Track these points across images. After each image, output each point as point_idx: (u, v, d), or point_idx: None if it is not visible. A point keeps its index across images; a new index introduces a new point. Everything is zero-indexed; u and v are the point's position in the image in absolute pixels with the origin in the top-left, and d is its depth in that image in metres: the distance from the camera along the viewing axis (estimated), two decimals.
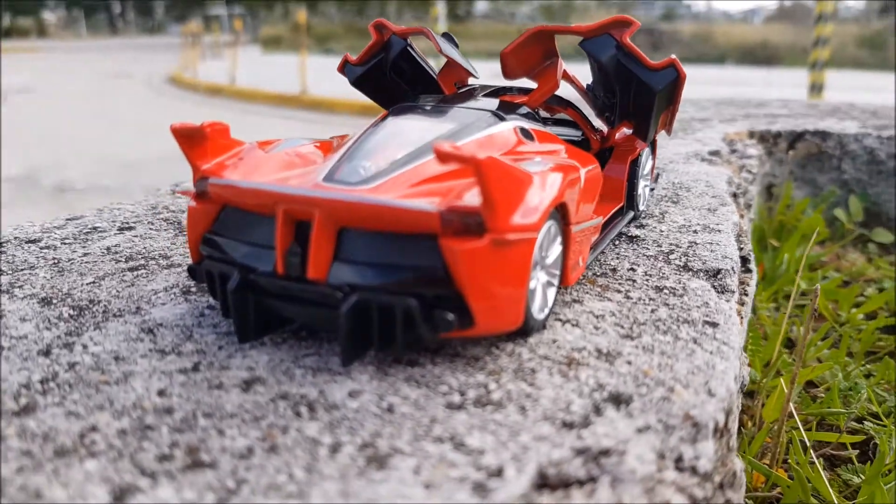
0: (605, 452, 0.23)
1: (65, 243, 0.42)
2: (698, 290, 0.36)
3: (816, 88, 3.37)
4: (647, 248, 0.42)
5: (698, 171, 0.62)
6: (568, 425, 0.24)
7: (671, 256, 0.41)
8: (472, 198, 0.27)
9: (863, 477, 0.42)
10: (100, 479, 0.21)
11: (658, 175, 0.51)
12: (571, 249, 0.32)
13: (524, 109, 0.37)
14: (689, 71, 0.40)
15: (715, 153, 0.72)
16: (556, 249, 0.31)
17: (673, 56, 0.38)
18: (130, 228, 0.45)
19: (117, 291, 0.34)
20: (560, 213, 0.31)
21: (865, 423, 0.48)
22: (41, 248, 0.41)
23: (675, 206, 0.51)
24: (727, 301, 0.35)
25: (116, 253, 0.40)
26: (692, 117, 0.99)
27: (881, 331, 0.61)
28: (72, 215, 0.48)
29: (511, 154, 0.33)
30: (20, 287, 0.35)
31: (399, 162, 0.30)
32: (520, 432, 0.24)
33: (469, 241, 0.25)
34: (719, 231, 0.46)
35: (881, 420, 0.48)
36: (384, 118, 0.36)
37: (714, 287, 0.37)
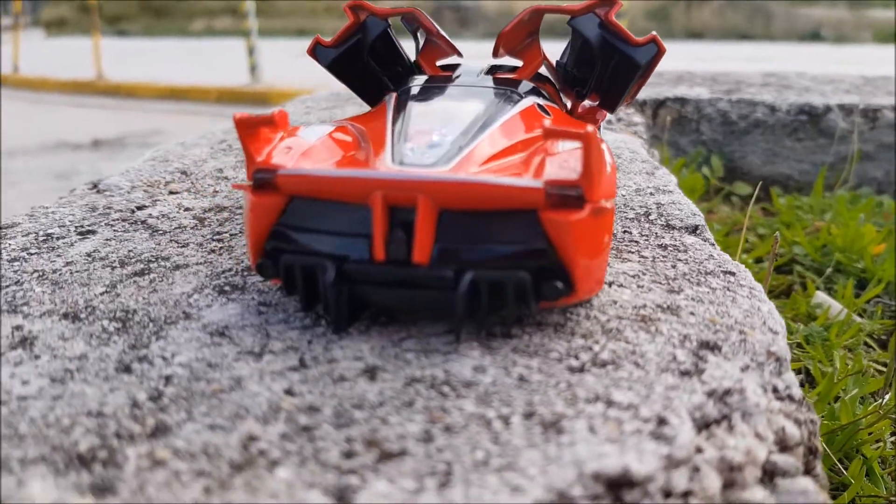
0: (728, 392, 0.26)
1: (30, 254, 0.38)
2: (695, 244, 0.40)
3: None
4: (624, 212, 0.45)
5: (613, 138, 0.67)
6: (686, 374, 0.26)
7: (651, 217, 0.44)
8: (555, 170, 0.28)
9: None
10: (304, 485, 0.20)
11: None
12: None
13: (529, 86, 0.39)
14: None
15: (608, 122, 0.77)
16: None
17: (654, 33, 0.41)
18: (92, 232, 0.41)
19: (145, 298, 0.32)
20: None
21: (794, 351, 0.55)
22: (8, 262, 0.36)
23: (617, 171, 0.55)
24: (721, 252, 0.39)
25: (104, 259, 0.37)
26: None
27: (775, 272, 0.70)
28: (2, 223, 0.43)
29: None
30: (25, 304, 0.31)
31: (457, 142, 0.31)
32: (652, 385, 0.26)
33: (573, 213, 0.27)
34: (671, 192, 0.50)
35: (804, 348, 0.55)
36: (401, 102, 0.36)
37: (704, 241, 0.41)
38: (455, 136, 0.31)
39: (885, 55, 4.53)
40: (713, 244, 0.41)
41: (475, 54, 0.47)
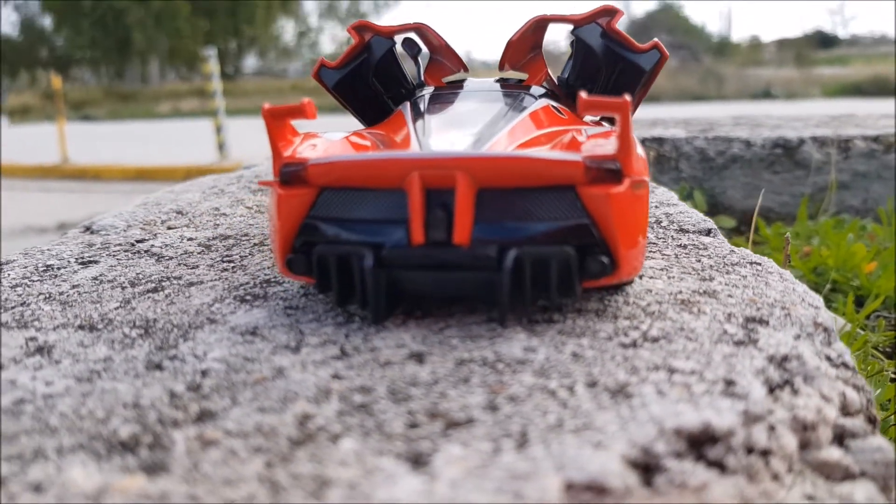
0: (786, 358, 0.25)
1: (32, 281, 0.36)
2: (713, 243, 0.39)
3: None
4: None
5: None
6: (741, 343, 0.26)
7: (662, 224, 0.44)
8: (589, 148, 0.28)
9: None
10: (374, 453, 0.19)
11: None
12: None
13: (542, 90, 0.39)
14: None
15: None
16: None
17: (656, 39, 0.42)
18: (94, 262, 0.40)
19: (163, 310, 0.30)
20: None
21: None
22: (11, 288, 0.35)
23: None
24: (742, 248, 0.39)
25: (112, 281, 0.35)
26: None
27: None
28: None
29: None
30: (36, 321, 0.30)
31: (481, 133, 0.30)
32: (710, 354, 0.25)
33: (613, 186, 0.26)
34: (676, 204, 0.50)
35: None
36: (418, 108, 0.36)
37: (721, 241, 0.40)
38: (479, 128, 0.31)
39: (837, 107, 4.72)
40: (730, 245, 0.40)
41: None
